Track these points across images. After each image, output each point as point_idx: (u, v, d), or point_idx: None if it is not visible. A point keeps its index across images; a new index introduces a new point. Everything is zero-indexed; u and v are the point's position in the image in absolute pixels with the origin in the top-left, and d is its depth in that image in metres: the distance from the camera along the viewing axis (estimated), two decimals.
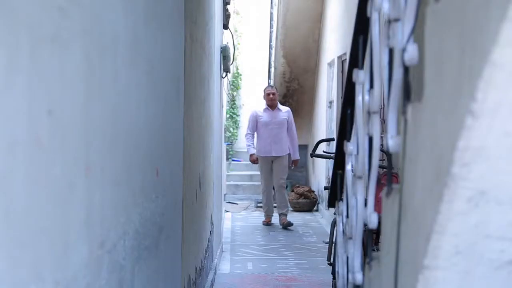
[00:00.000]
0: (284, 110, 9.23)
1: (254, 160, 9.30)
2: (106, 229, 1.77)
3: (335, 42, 9.57)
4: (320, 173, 10.29)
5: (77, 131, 1.49)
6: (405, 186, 1.54)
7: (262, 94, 9.48)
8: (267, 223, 9.29)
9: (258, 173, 9.70)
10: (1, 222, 1.07)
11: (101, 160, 1.70)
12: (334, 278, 4.29)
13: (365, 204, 2.19)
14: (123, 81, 1.98)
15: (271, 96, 9.13)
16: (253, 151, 9.19)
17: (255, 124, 9.19)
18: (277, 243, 7.98)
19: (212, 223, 6.07)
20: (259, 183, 9.43)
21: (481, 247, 1.24)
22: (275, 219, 9.25)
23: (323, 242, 7.60)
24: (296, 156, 9.28)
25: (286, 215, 9.13)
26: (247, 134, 9.33)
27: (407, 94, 1.58)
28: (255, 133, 9.29)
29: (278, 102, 9.29)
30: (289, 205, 9.51)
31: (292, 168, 9.43)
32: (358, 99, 2.29)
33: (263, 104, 9.29)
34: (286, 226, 8.93)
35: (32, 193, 1.20)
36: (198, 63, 4.50)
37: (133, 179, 2.14)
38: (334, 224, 4.43)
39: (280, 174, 9.14)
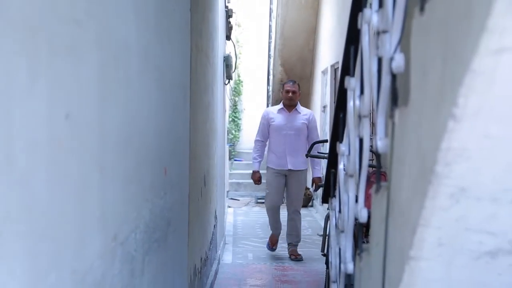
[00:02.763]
0: (304, 113, 6.43)
1: (256, 180, 6.50)
2: (119, 223, 1.77)
3: (328, 51, 9.57)
4: None
5: (93, 133, 1.49)
6: (393, 184, 1.54)
7: (281, 91, 6.91)
8: (273, 247, 6.62)
9: None
10: (24, 217, 1.07)
11: (114, 160, 1.70)
12: (327, 267, 4.28)
13: (356, 200, 2.19)
14: (135, 87, 1.98)
15: (290, 94, 6.35)
16: (257, 167, 6.46)
17: (267, 129, 6.43)
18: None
19: (215, 218, 6.06)
20: None
21: (461, 239, 1.24)
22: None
23: (318, 235, 7.60)
24: (317, 173, 6.33)
25: (296, 245, 6.48)
26: (256, 140, 6.55)
27: (394, 100, 1.58)
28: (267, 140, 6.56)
29: (299, 103, 6.52)
30: (301, 236, 6.62)
31: (313, 190, 6.68)
32: (350, 104, 2.29)
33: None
34: (297, 259, 6.39)
35: (51, 190, 1.20)
36: (203, 71, 4.50)
37: (143, 177, 2.14)
38: (327, 218, 4.43)
39: (295, 198, 6.43)
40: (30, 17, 1.10)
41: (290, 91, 6.34)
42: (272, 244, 6.60)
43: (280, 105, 6.47)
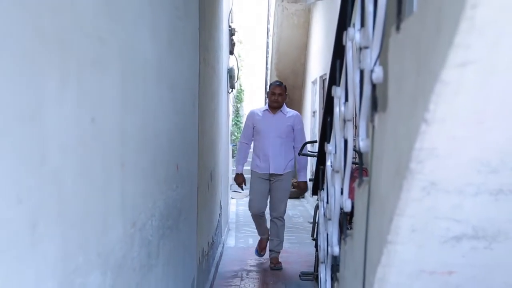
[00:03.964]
0: (290, 115, 5.17)
1: (240, 183, 5.34)
2: (137, 212, 1.77)
3: (317, 65, 9.57)
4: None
5: (115, 135, 1.49)
6: (373, 178, 1.54)
7: (267, 92, 5.45)
8: (261, 251, 5.48)
9: None
10: (56, 208, 1.07)
11: (133, 158, 1.70)
12: (316, 250, 4.29)
13: (341, 193, 2.19)
14: (151, 95, 1.97)
15: (276, 97, 5.12)
16: (241, 169, 5.35)
17: (251, 130, 5.22)
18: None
19: (220, 207, 6.06)
20: None
21: (432, 226, 1.24)
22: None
23: (308, 222, 7.59)
24: (303, 176, 5.23)
25: (278, 253, 5.27)
26: (240, 142, 5.38)
27: (374, 106, 1.58)
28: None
29: (285, 105, 5.30)
30: (283, 244, 5.40)
31: (297, 191, 5.10)
32: (336, 109, 2.29)
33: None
34: (276, 267, 5.19)
35: (79, 184, 1.20)
36: (209, 81, 4.50)
37: (158, 173, 2.14)
38: (317, 208, 4.43)
39: (279, 203, 5.16)
40: (61, 35, 1.10)
41: (277, 94, 5.13)
42: (261, 250, 5.49)
43: (265, 107, 5.25)
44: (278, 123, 5.12)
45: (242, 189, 5.31)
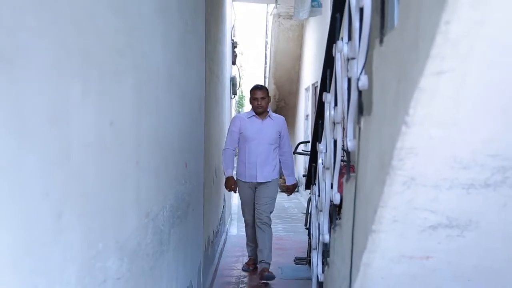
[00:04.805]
0: (277, 120, 4.28)
1: (231, 185, 4.26)
2: (150, 204, 1.77)
3: (310, 73, 9.57)
4: (300, 165, 10.29)
5: (130, 136, 1.49)
6: (359, 174, 1.54)
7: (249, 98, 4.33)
8: (249, 267, 4.50)
9: None
10: (78, 200, 1.07)
11: (147, 157, 1.70)
12: (309, 238, 4.28)
13: (331, 187, 2.19)
14: (163, 101, 1.98)
15: (259, 101, 4.18)
16: (230, 173, 4.31)
17: (237, 137, 4.28)
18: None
19: (224, 200, 6.06)
20: None
21: (411, 217, 1.25)
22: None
23: (302, 213, 7.60)
24: (291, 179, 4.42)
25: (268, 264, 4.24)
26: (225, 149, 4.33)
27: (360, 110, 1.58)
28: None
29: (270, 109, 4.34)
30: (271, 252, 4.36)
31: (288, 195, 4.61)
32: (326, 113, 2.29)
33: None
34: (266, 278, 4.12)
35: (99, 180, 1.20)
36: (214, 88, 4.50)
37: (169, 169, 2.14)
38: (309, 200, 4.42)
39: (263, 207, 4.22)
40: (83, 48, 1.10)
41: (259, 98, 4.17)
42: (249, 265, 4.56)
43: (251, 112, 4.27)
44: (268, 129, 4.24)
45: (235, 192, 4.41)
